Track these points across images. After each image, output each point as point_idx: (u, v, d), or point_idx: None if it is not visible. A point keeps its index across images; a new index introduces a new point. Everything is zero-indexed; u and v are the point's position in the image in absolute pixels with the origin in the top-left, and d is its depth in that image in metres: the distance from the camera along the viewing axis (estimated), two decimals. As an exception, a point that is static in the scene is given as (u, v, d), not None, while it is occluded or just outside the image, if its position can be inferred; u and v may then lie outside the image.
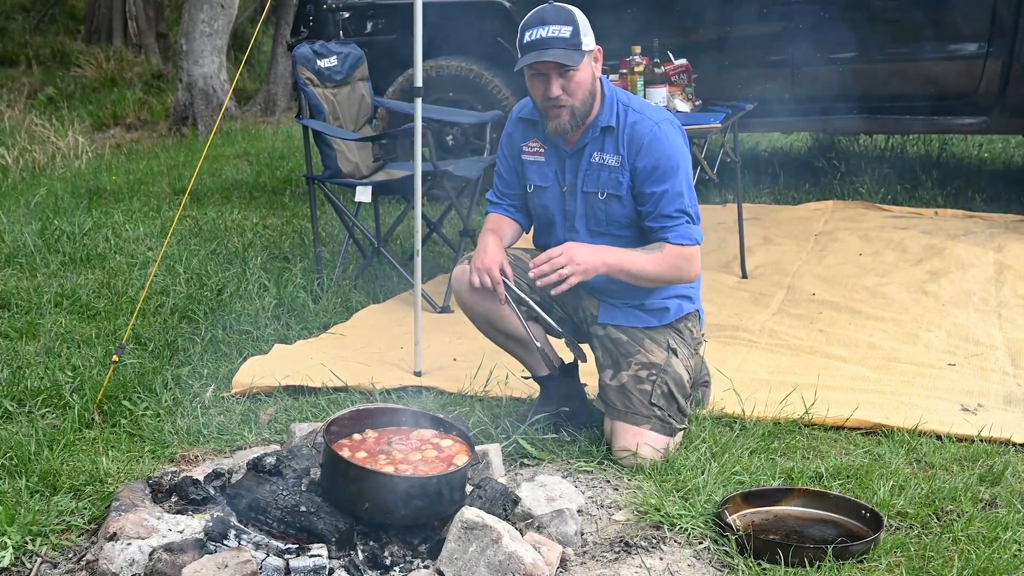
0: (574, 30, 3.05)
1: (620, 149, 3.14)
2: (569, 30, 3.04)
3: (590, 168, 3.19)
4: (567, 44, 3.03)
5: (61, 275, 5.18)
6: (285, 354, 4.08)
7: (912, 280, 5.02)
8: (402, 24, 5.66)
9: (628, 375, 3.17)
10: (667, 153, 3.11)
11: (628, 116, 3.15)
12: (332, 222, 5.99)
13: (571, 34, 3.04)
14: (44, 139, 9.43)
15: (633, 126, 3.14)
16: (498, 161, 3.41)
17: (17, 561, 2.65)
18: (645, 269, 3.09)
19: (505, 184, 3.40)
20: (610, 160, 3.16)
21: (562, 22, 3.05)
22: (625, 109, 3.17)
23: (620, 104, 3.18)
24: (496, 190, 3.42)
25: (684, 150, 3.18)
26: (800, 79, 6.25)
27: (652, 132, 3.11)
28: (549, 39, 3.04)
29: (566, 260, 2.98)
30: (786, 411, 3.49)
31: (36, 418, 3.47)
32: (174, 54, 13.48)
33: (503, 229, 3.35)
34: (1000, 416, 3.49)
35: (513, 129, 3.37)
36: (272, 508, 2.63)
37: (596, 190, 3.19)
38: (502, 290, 3.13)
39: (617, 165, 3.15)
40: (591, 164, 3.19)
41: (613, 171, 3.16)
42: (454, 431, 2.92)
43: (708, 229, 5.76)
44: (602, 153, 3.17)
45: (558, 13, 3.07)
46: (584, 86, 3.09)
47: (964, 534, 2.71)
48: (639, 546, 2.69)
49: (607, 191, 3.17)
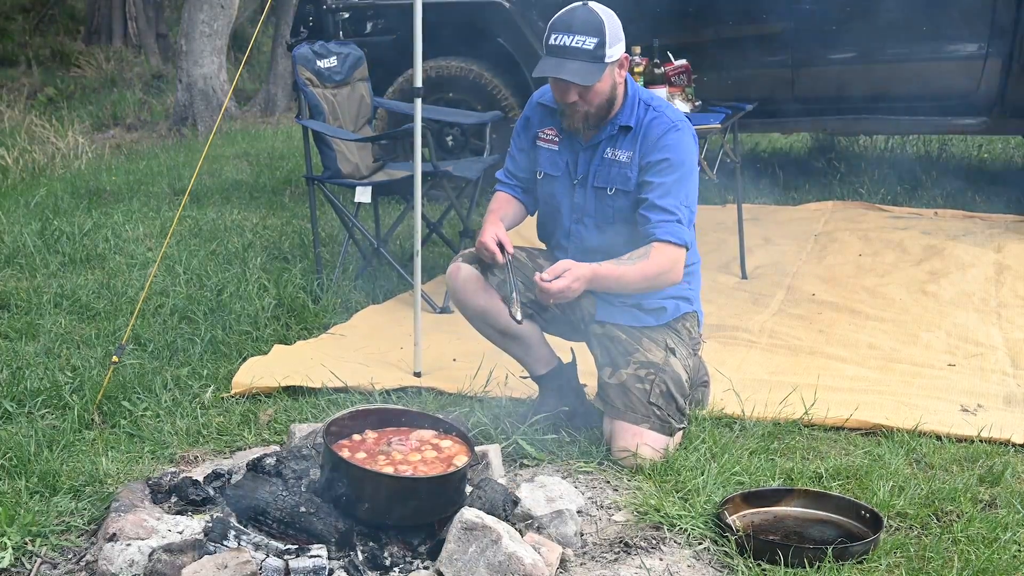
0: (599, 42, 3.02)
1: (634, 145, 3.15)
2: (594, 42, 3.01)
3: (602, 164, 3.20)
4: (589, 57, 3.02)
5: (61, 275, 5.18)
6: (285, 354, 4.07)
7: (912, 280, 5.02)
8: (402, 24, 5.67)
9: (627, 373, 3.17)
10: (678, 152, 3.12)
11: (647, 114, 3.16)
12: (332, 222, 5.99)
13: (595, 46, 3.01)
14: (44, 139, 9.42)
15: (650, 123, 3.15)
16: (512, 142, 3.42)
17: (17, 562, 2.65)
18: (629, 280, 3.11)
19: (516, 166, 3.41)
20: (622, 156, 3.17)
21: (589, 32, 3.02)
22: (646, 108, 3.18)
23: (641, 103, 3.19)
24: (506, 170, 3.44)
25: (694, 155, 3.18)
26: (800, 79, 6.25)
27: (668, 130, 3.13)
28: (572, 49, 3.02)
29: (569, 281, 3.02)
30: (786, 411, 3.49)
31: (36, 419, 3.47)
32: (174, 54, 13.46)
33: (505, 208, 3.38)
34: (1000, 416, 3.49)
35: (532, 113, 3.38)
36: (272, 509, 2.63)
37: (606, 186, 3.20)
38: (500, 256, 3.16)
39: (628, 161, 3.16)
40: (604, 160, 3.20)
41: (623, 167, 3.17)
42: (454, 432, 2.92)
43: (708, 229, 5.82)
44: (615, 150, 3.18)
45: (587, 20, 3.04)
46: (602, 95, 3.10)
47: (964, 535, 2.71)
48: (639, 547, 2.69)
49: (616, 187, 3.18)
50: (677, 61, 4.86)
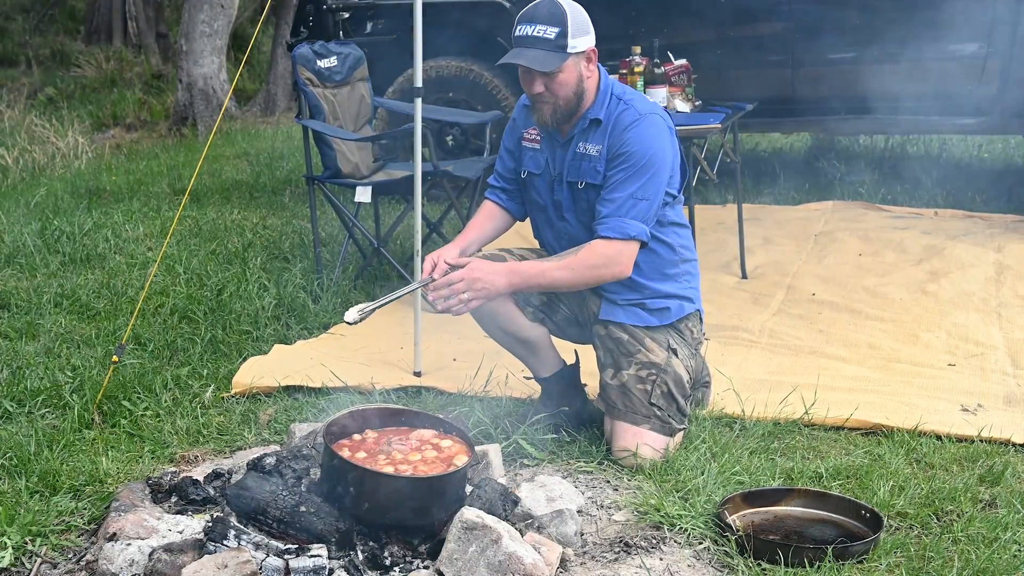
0: (560, 32, 3.03)
1: (603, 139, 3.14)
2: (555, 31, 3.03)
3: (574, 158, 3.20)
4: (550, 46, 3.03)
5: (61, 275, 5.18)
6: (285, 354, 4.08)
7: (912, 280, 5.02)
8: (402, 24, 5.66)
9: (629, 374, 3.17)
10: (639, 143, 3.08)
11: (617, 107, 3.15)
12: (332, 222, 5.99)
13: (556, 35, 3.03)
14: (44, 139, 9.42)
15: (619, 116, 3.13)
16: (502, 144, 3.44)
17: (17, 561, 2.65)
18: (558, 279, 3.09)
19: (505, 168, 3.43)
20: (591, 150, 3.16)
21: (551, 22, 3.04)
22: (617, 101, 3.17)
23: (613, 97, 3.18)
24: (496, 173, 3.46)
25: (662, 145, 3.11)
26: (800, 79, 6.25)
27: (632, 122, 3.10)
28: (533, 38, 3.05)
29: (466, 286, 2.98)
30: (786, 411, 3.49)
31: (36, 418, 3.47)
32: (174, 54, 13.47)
33: (484, 225, 3.38)
34: (1000, 416, 3.49)
35: (517, 115, 3.41)
36: (272, 508, 2.63)
37: (577, 179, 3.19)
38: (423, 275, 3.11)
39: (597, 155, 3.15)
40: (575, 154, 3.20)
41: (592, 160, 3.16)
42: (454, 431, 2.92)
43: (708, 229, 5.83)
44: (586, 144, 3.17)
45: (551, 12, 3.06)
46: (567, 86, 3.09)
47: (964, 534, 2.71)
48: (639, 546, 2.69)
49: (586, 180, 3.17)
50: (677, 61, 4.87)
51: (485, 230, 3.39)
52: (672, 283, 3.26)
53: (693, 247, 3.38)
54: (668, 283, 3.25)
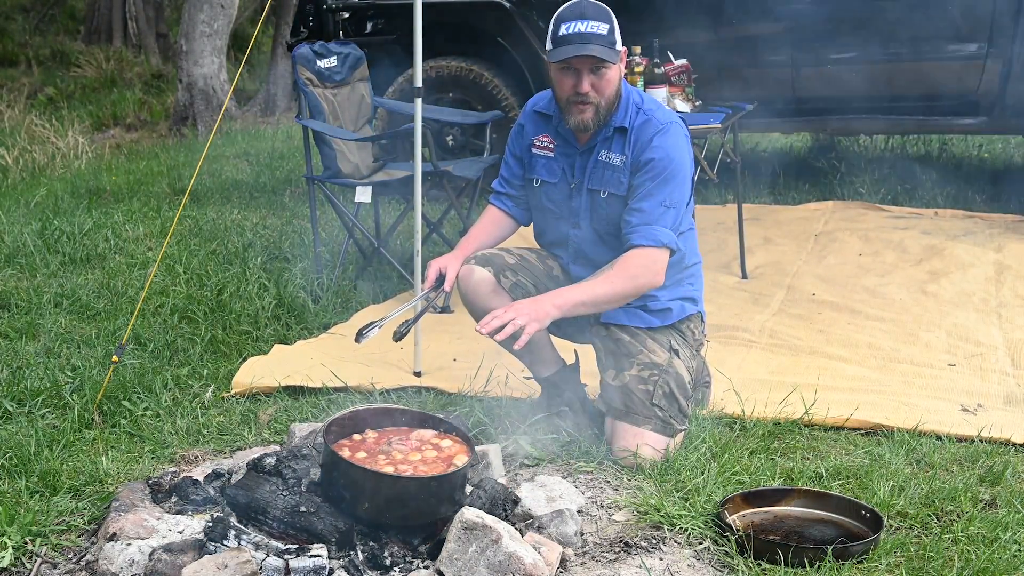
0: (611, 28, 3.06)
1: (626, 149, 3.15)
2: (607, 28, 3.05)
3: (596, 166, 3.20)
4: (605, 41, 3.04)
5: (61, 275, 5.18)
6: (285, 354, 4.07)
7: (912, 280, 5.02)
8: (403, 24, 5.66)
9: (630, 375, 3.17)
10: (662, 152, 3.11)
11: (638, 117, 3.16)
12: (332, 222, 5.98)
13: (608, 31, 3.05)
14: (44, 139, 9.43)
15: (641, 127, 3.15)
16: (507, 150, 3.43)
17: (17, 561, 2.65)
18: (600, 294, 3.08)
19: (511, 174, 3.42)
20: (615, 159, 3.16)
21: (600, 18, 3.06)
22: (637, 110, 3.18)
23: (633, 105, 3.19)
24: (501, 179, 3.45)
25: (685, 155, 3.16)
26: (800, 79, 6.25)
27: (655, 133, 3.12)
28: (588, 34, 3.03)
29: (513, 315, 2.93)
30: (786, 411, 3.49)
31: (36, 418, 3.47)
32: (174, 54, 13.47)
33: (489, 231, 3.40)
34: (1000, 416, 3.49)
35: (526, 121, 3.38)
36: (272, 508, 2.63)
37: (599, 188, 3.20)
38: (428, 285, 3.25)
39: (620, 164, 3.16)
40: (598, 162, 3.20)
41: (616, 170, 3.16)
42: (454, 431, 2.92)
43: (708, 229, 5.82)
44: (609, 152, 3.18)
45: (597, 9, 3.09)
46: (613, 85, 3.11)
47: (964, 534, 2.71)
48: (639, 546, 2.69)
49: (609, 190, 3.18)
50: (677, 61, 4.86)
51: (491, 236, 3.40)
52: (676, 287, 3.26)
53: (696, 251, 3.38)
54: (673, 287, 3.25)
